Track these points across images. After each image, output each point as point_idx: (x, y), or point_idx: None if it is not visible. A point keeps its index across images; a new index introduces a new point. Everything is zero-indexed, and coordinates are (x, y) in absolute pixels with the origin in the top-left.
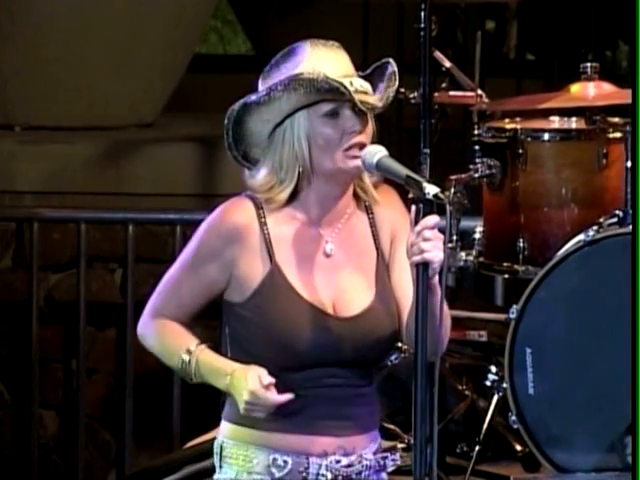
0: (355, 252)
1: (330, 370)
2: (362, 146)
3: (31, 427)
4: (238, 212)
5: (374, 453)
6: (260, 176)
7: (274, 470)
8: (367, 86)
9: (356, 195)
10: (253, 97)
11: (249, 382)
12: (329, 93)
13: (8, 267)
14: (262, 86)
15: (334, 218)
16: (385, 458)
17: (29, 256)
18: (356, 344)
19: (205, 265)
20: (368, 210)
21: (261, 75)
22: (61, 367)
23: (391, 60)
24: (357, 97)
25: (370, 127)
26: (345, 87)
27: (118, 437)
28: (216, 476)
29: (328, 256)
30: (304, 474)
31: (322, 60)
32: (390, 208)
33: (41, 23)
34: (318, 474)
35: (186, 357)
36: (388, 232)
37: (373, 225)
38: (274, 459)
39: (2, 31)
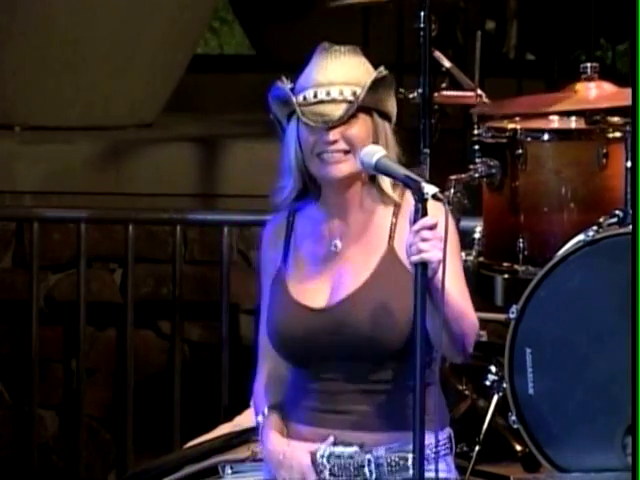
0: (362, 243)
1: (329, 363)
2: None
3: (31, 427)
4: (272, 223)
5: (390, 451)
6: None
7: None
8: (353, 92)
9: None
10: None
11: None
12: (289, 104)
13: (8, 267)
14: None
15: (345, 212)
16: (405, 459)
17: (29, 256)
18: (335, 335)
19: (266, 280)
20: (395, 208)
21: None
22: (61, 367)
23: (380, 71)
24: (319, 109)
25: (353, 133)
26: (292, 101)
27: (118, 437)
28: None
29: (335, 251)
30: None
31: (317, 66)
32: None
33: (41, 23)
34: (317, 458)
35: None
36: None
37: (394, 221)
38: None
39: (2, 31)
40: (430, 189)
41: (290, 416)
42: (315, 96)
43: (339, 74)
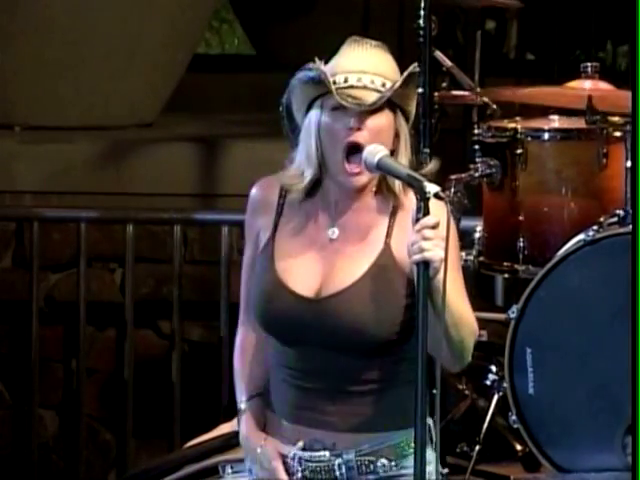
0: (359, 238)
1: (312, 354)
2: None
3: (31, 427)
4: (263, 188)
5: (360, 454)
6: (294, 163)
7: None
8: (383, 83)
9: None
10: (288, 88)
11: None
12: (320, 85)
13: (8, 267)
14: None
15: (349, 207)
16: (373, 462)
17: (29, 256)
18: (328, 324)
19: (250, 244)
20: (394, 207)
21: None
22: (61, 367)
23: (415, 66)
24: (351, 92)
25: (377, 125)
26: (327, 80)
27: (118, 437)
28: None
29: (330, 240)
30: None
31: (349, 54)
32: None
33: (42, 23)
34: (287, 461)
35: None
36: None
37: (392, 221)
38: None
39: (2, 31)
40: (432, 188)
41: (270, 406)
42: (346, 81)
43: (370, 64)
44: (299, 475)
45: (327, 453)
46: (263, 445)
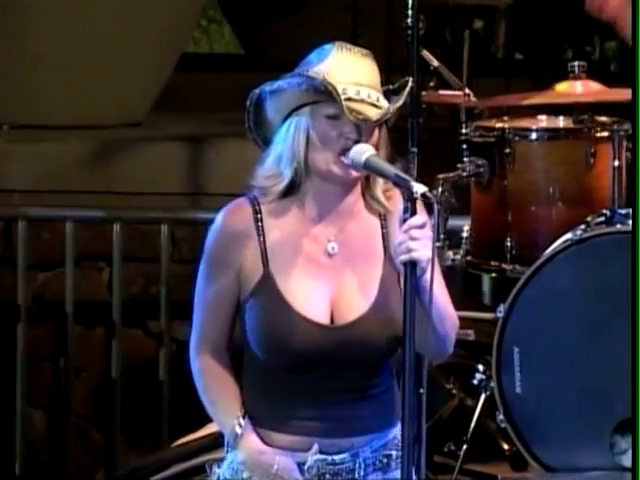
0: (360, 252)
1: (327, 374)
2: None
3: (20, 426)
4: (236, 217)
5: (374, 451)
6: (266, 164)
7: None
8: (377, 97)
9: (367, 195)
10: (267, 87)
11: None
12: (325, 95)
13: None
14: None
15: (338, 216)
16: (389, 457)
17: (17, 255)
18: (346, 352)
19: (221, 274)
20: (382, 215)
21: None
22: (50, 366)
23: (410, 79)
24: (355, 106)
25: (373, 138)
26: (337, 94)
27: (107, 436)
28: (229, 456)
29: (330, 255)
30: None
31: (341, 63)
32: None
33: (30, 22)
34: (304, 468)
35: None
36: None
37: (384, 227)
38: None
39: None
40: (420, 188)
41: (269, 425)
42: (344, 92)
43: (364, 76)
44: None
45: (346, 454)
46: (278, 460)
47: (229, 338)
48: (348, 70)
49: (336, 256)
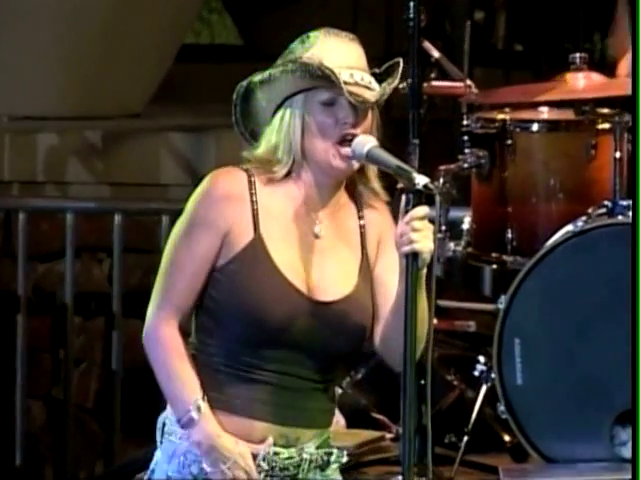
0: (342, 243)
1: (294, 356)
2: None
3: (19, 417)
4: (229, 178)
5: (317, 447)
6: (259, 152)
7: None
8: (370, 80)
9: (349, 191)
10: (258, 76)
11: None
12: (322, 80)
13: None
14: None
15: (327, 205)
16: (329, 454)
17: (16, 246)
18: (325, 330)
19: (203, 236)
20: (359, 209)
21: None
22: (49, 357)
23: (400, 59)
24: (351, 89)
25: (367, 121)
26: (336, 77)
27: (106, 428)
28: (157, 452)
29: (317, 237)
30: None
31: (331, 49)
32: (380, 214)
33: (29, 13)
34: (256, 461)
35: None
36: (376, 236)
37: (362, 226)
38: None
39: None
40: (421, 179)
41: (221, 405)
42: (352, 76)
43: (354, 59)
44: (263, 475)
45: (293, 449)
46: (240, 445)
47: (192, 311)
48: (339, 54)
49: (322, 239)
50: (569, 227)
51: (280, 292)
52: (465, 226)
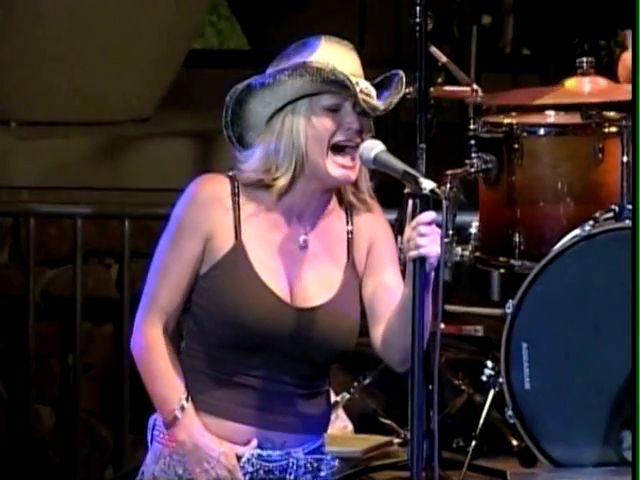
0: (327, 251)
1: (277, 362)
2: (353, 154)
3: (28, 422)
4: (213, 184)
5: (307, 453)
6: (254, 159)
7: None
8: (371, 90)
9: (339, 196)
10: (259, 79)
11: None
12: (334, 85)
13: (4, 262)
14: None
15: (314, 214)
16: (319, 460)
17: (25, 251)
18: (306, 336)
19: (188, 240)
20: (348, 215)
21: (270, 65)
22: (58, 362)
23: (400, 71)
24: (360, 96)
25: (370, 125)
26: (351, 83)
27: (115, 432)
28: (148, 453)
29: (301, 247)
30: None
31: (333, 55)
32: (372, 220)
33: (38, 19)
34: (240, 463)
35: (179, 414)
36: (366, 243)
37: (350, 232)
38: None
39: None
40: (428, 184)
41: (207, 408)
42: (357, 84)
43: (356, 68)
44: (248, 477)
45: (281, 451)
46: (224, 446)
47: (179, 314)
48: (344, 61)
49: (305, 249)
50: (576, 231)
51: (259, 299)
52: (472, 230)
